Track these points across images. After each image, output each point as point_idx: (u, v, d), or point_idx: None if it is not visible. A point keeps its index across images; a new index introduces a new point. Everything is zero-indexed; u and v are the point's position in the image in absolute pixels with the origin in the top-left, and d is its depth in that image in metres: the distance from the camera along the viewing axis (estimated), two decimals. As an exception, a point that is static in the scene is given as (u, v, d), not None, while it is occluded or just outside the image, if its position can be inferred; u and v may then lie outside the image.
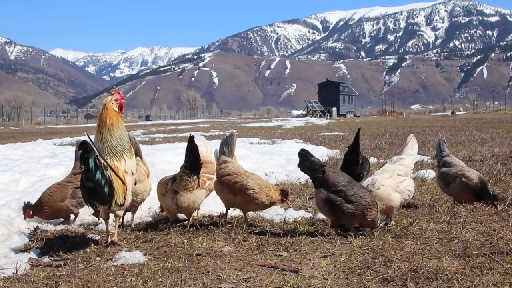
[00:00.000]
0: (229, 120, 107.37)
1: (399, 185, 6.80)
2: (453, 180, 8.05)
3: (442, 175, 8.31)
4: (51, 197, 7.20)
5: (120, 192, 5.93)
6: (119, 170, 5.99)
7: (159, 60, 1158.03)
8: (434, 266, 4.93)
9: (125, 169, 6.09)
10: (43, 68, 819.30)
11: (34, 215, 7.21)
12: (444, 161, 8.44)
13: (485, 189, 7.89)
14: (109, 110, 6.18)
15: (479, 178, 7.97)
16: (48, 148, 19.75)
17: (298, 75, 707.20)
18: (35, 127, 70.33)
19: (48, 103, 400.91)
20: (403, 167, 6.96)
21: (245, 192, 6.91)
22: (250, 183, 6.98)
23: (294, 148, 18.34)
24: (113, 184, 5.79)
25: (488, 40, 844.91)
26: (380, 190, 6.67)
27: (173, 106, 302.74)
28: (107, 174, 5.72)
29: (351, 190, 6.30)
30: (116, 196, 5.87)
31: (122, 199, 5.99)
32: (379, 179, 6.81)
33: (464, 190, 7.95)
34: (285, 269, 5.01)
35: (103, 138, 6.10)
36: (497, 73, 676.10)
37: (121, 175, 5.97)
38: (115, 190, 5.83)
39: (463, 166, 8.27)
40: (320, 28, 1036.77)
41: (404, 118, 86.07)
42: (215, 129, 41.79)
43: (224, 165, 7.15)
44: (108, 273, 4.99)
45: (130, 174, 6.18)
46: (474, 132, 26.85)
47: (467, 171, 8.10)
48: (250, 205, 7.03)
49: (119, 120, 6.22)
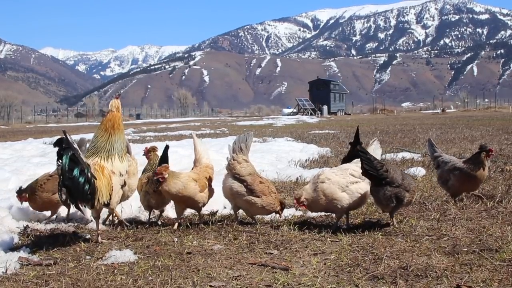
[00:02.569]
0: (220, 118, 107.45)
1: (350, 185, 6.62)
2: (449, 177, 8.08)
3: (440, 176, 8.38)
4: (43, 190, 7.16)
5: (103, 191, 5.95)
6: (104, 170, 6.04)
7: (149, 58, 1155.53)
8: (424, 263, 4.95)
9: (112, 169, 6.14)
10: (33, 66, 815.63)
11: (28, 200, 7.18)
12: (438, 162, 8.48)
13: (474, 159, 8.05)
14: (120, 113, 6.46)
15: (463, 161, 8.18)
16: (38, 147, 19.70)
17: (289, 73, 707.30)
18: (25, 126, 70.14)
19: (39, 101, 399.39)
20: (359, 168, 6.67)
21: (270, 195, 6.93)
22: (273, 186, 7.04)
23: (285, 146, 18.38)
24: (95, 182, 5.81)
25: (478, 38, 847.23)
26: (324, 185, 6.56)
27: (164, 105, 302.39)
28: (88, 173, 5.73)
29: (406, 180, 6.56)
30: (98, 195, 5.89)
31: (106, 197, 6.01)
32: (326, 172, 6.72)
33: (462, 181, 7.99)
34: (275, 267, 5.01)
35: (113, 138, 6.31)
36: (487, 71, 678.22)
37: (105, 174, 6.01)
38: (98, 189, 5.86)
39: (453, 160, 8.32)
40: (310, 26, 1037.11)
41: (395, 116, 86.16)
42: (206, 128, 41.79)
43: (246, 164, 7.04)
44: (98, 271, 4.98)
45: (117, 175, 6.22)
46: (465, 130, 26.92)
47: (456, 162, 8.16)
48: (265, 209, 6.98)
49: (121, 126, 6.46)
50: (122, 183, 6.37)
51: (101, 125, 6.43)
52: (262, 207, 6.93)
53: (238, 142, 7.14)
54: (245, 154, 7.11)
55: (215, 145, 18.31)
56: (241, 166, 6.98)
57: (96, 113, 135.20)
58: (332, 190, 6.53)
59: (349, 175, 6.68)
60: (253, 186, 6.89)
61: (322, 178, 6.60)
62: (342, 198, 6.56)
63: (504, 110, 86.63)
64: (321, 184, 6.55)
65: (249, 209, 7.05)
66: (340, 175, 6.66)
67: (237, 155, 7.03)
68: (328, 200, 6.54)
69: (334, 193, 6.54)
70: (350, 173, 6.70)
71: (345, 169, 6.77)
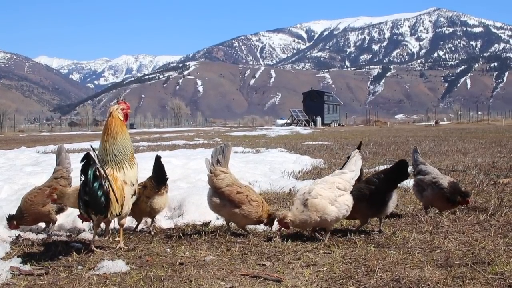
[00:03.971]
0: (213, 128, 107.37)
1: (337, 198, 6.61)
2: (427, 187, 8.10)
3: (417, 183, 8.38)
4: (33, 203, 7.14)
5: (116, 203, 5.98)
6: (117, 181, 6.05)
7: (144, 68, 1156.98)
8: (416, 276, 4.95)
9: (124, 179, 6.16)
10: (27, 75, 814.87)
11: (19, 225, 7.18)
12: (419, 169, 8.51)
13: (456, 191, 7.94)
14: (114, 118, 6.29)
15: (449, 183, 8.01)
16: (31, 156, 19.61)
17: (283, 84, 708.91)
18: (18, 135, 69.97)
19: (32, 110, 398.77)
20: (344, 181, 6.73)
21: (250, 203, 6.91)
22: (253, 194, 7.00)
23: (278, 157, 18.34)
24: (110, 196, 5.84)
25: (471, 51, 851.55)
26: (317, 200, 6.52)
27: (157, 114, 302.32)
28: (105, 186, 5.77)
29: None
30: (112, 208, 5.92)
31: (118, 210, 6.04)
32: (316, 188, 6.66)
33: (437, 198, 7.99)
34: (267, 278, 5.00)
35: (107, 145, 6.20)
36: (480, 84, 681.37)
37: (119, 185, 6.03)
38: (112, 202, 5.88)
39: (437, 174, 8.32)
40: (305, 38, 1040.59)
41: (388, 128, 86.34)
42: (199, 138, 41.76)
43: (223, 175, 7.05)
44: (90, 282, 4.96)
45: (129, 185, 6.23)
46: (458, 142, 26.99)
47: (440, 178, 8.14)
48: (248, 218, 6.96)
49: (123, 129, 6.32)
50: (133, 192, 6.37)
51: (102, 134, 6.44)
52: (244, 217, 6.93)
53: (215, 154, 7.20)
54: (223, 165, 7.15)
55: (208, 155, 18.24)
56: (217, 179, 7.02)
57: (90, 122, 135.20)
58: (323, 205, 6.52)
59: (336, 188, 6.67)
60: (230, 196, 6.91)
61: (313, 194, 6.58)
62: (331, 211, 6.55)
63: (497, 123, 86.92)
64: (313, 200, 6.54)
65: (232, 220, 7.10)
66: (329, 189, 6.64)
67: (215, 168, 7.09)
68: (320, 215, 6.52)
69: (326, 207, 6.52)
70: (337, 187, 6.69)
71: (332, 183, 6.74)
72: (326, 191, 6.61)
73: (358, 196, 6.87)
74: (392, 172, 7.03)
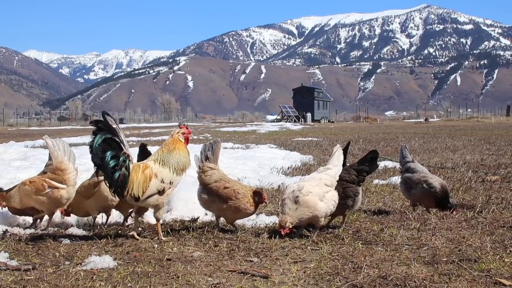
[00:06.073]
0: (203, 124, 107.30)
1: (325, 195, 6.68)
2: (415, 185, 8.10)
3: (405, 180, 8.37)
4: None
5: (135, 185, 6.29)
6: (147, 168, 6.41)
7: (134, 63, 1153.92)
8: (403, 273, 4.97)
9: (156, 172, 6.44)
10: (16, 69, 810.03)
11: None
12: (407, 167, 8.50)
13: (446, 197, 7.95)
14: (174, 139, 6.75)
15: (441, 185, 8.00)
16: (19, 150, 19.49)
17: (273, 80, 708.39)
18: (7, 129, 69.59)
19: (21, 104, 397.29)
20: (330, 177, 6.82)
21: (237, 198, 6.91)
22: (240, 189, 6.99)
23: (268, 153, 18.36)
24: (128, 174, 6.24)
25: (462, 48, 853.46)
26: (308, 197, 6.55)
27: (147, 110, 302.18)
28: (122, 161, 6.21)
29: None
30: (129, 187, 6.25)
31: (137, 192, 6.32)
32: (306, 185, 6.69)
33: (425, 196, 7.99)
34: (255, 274, 5.01)
35: (161, 151, 6.67)
36: (470, 81, 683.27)
37: (145, 173, 6.39)
38: (130, 181, 6.25)
39: (426, 173, 8.33)
40: (295, 34, 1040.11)
41: (378, 125, 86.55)
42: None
43: (211, 171, 7.10)
44: (77, 277, 4.95)
45: (159, 179, 6.45)
46: (447, 139, 27.08)
47: (430, 177, 8.13)
48: (237, 212, 6.97)
49: (181, 147, 6.72)
50: (160, 188, 6.47)
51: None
52: (233, 212, 6.98)
53: (204, 151, 7.27)
54: (212, 162, 7.20)
55: (197, 151, 18.23)
56: (205, 175, 7.09)
57: (79, 117, 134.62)
58: (314, 201, 6.54)
59: (324, 185, 6.72)
60: (218, 192, 6.96)
61: (304, 191, 6.59)
62: (321, 207, 6.58)
63: (487, 121, 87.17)
64: (305, 197, 6.55)
65: (222, 215, 7.13)
66: (317, 186, 6.69)
67: (203, 164, 7.16)
68: (311, 211, 6.54)
69: (316, 203, 6.55)
70: (324, 183, 6.74)
71: (319, 179, 6.78)
72: (315, 187, 6.65)
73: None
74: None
